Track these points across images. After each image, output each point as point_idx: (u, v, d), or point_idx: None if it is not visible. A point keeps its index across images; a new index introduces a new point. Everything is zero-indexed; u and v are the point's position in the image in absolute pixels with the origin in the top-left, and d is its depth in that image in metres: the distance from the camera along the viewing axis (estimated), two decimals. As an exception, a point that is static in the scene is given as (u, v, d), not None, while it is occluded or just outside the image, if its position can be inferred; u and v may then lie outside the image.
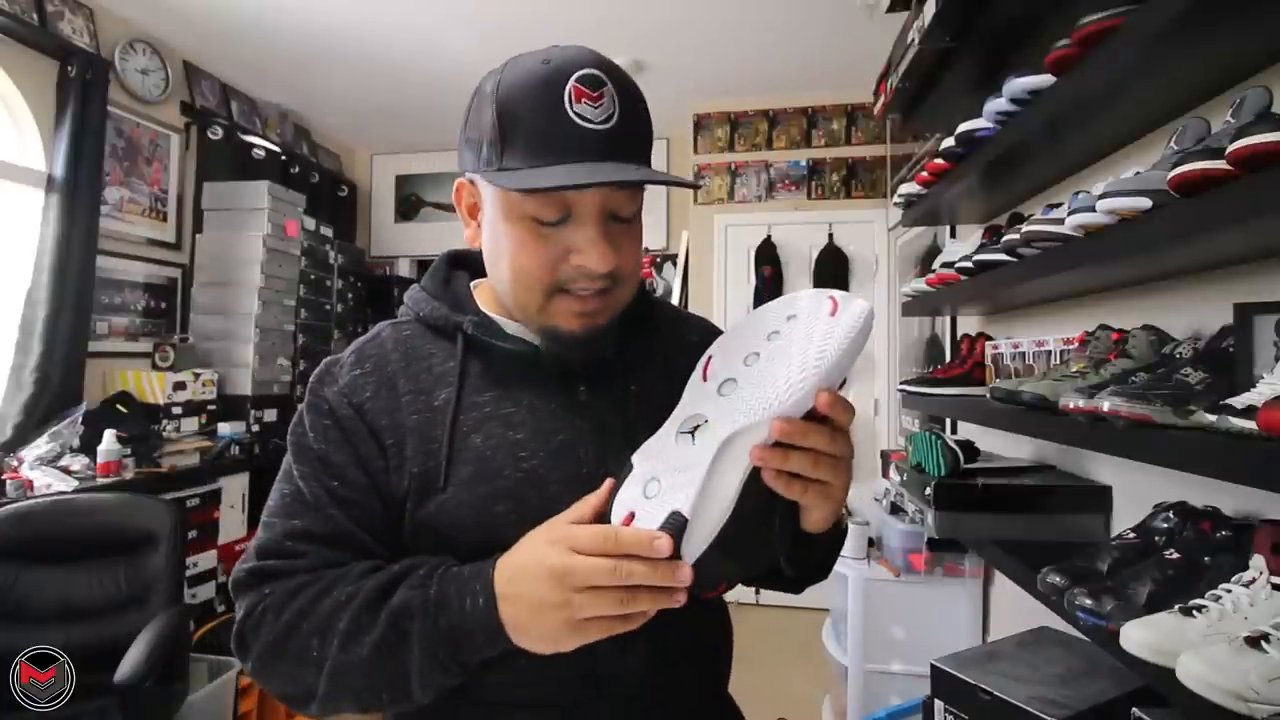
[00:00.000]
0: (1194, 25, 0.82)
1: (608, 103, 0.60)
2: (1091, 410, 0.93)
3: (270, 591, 0.62)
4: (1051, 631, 1.43)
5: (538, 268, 0.62)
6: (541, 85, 0.59)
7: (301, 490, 0.65)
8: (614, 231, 0.63)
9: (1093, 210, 0.98)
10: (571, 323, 0.64)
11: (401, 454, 0.65)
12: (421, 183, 4.62)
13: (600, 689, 0.64)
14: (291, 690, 0.62)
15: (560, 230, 0.62)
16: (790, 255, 3.83)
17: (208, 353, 3.14)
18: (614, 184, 0.60)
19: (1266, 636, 0.70)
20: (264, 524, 0.66)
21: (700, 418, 0.58)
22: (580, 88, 0.59)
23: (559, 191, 0.59)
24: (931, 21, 1.55)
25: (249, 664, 0.64)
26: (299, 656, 0.60)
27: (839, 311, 0.56)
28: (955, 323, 2.36)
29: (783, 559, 0.67)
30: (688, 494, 0.53)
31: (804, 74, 3.52)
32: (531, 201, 0.61)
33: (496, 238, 0.65)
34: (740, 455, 0.54)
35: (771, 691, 2.67)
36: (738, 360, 0.60)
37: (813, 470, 0.55)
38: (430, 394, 0.67)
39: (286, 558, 0.63)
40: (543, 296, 0.64)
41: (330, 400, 0.67)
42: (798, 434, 0.53)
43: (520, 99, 0.60)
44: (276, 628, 0.60)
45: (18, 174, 2.55)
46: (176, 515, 1.99)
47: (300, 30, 3.04)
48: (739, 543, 0.56)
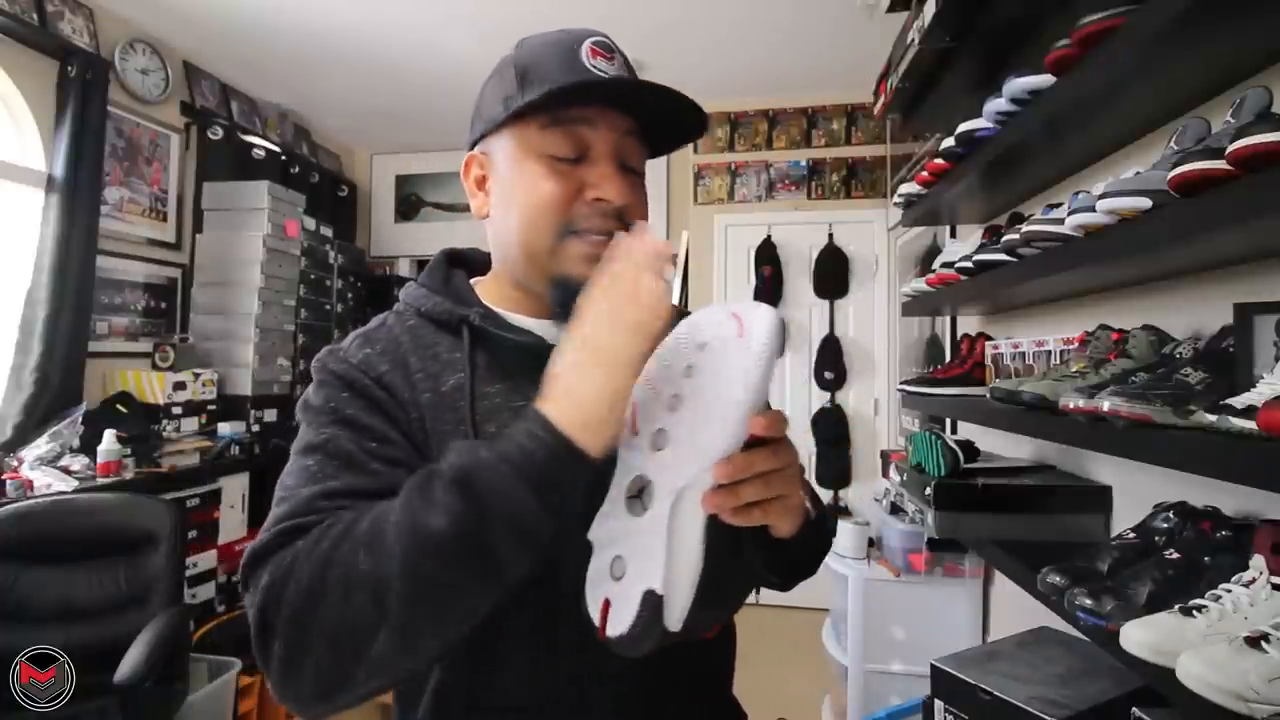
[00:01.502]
0: (1194, 25, 0.82)
1: (619, 64, 0.66)
2: (1091, 410, 0.93)
3: (301, 544, 0.53)
4: (1051, 631, 1.43)
5: (552, 202, 0.64)
6: (558, 43, 0.66)
7: (333, 453, 0.58)
8: (626, 175, 0.66)
9: (1093, 210, 0.98)
10: (582, 268, 0.63)
11: (424, 429, 0.63)
12: (421, 183, 4.62)
13: (600, 691, 0.64)
14: (342, 640, 0.49)
15: (576, 168, 0.65)
16: (790, 255, 3.83)
17: (208, 353, 3.14)
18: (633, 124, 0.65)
19: (1266, 636, 0.70)
20: (281, 500, 0.58)
21: (642, 479, 0.55)
22: (595, 48, 0.65)
23: (580, 125, 0.64)
24: (931, 21, 1.55)
25: (274, 652, 0.50)
26: (344, 583, 0.49)
27: (745, 331, 0.53)
28: (955, 323, 2.36)
29: (764, 570, 0.67)
30: (654, 568, 0.52)
31: (804, 74, 3.53)
32: (551, 138, 0.64)
33: (510, 185, 0.67)
34: (692, 508, 0.53)
35: (771, 691, 2.67)
36: (660, 407, 0.56)
37: (766, 492, 0.54)
38: (438, 378, 0.65)
39: (321, 514, 0.55)
40: (554, 237, 0.65)
41: (345, 374, 0.64)
42: (742, 469, 0.52)
43: (540, 53, 0.66)
44: (312, 565, 0.50)
45: (18, 174, 2.55)
46: (176, 515, 1.99)
47: (300, 30, 3.04)
48: (718, 587, 0.55)
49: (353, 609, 0.49)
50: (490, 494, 0.49)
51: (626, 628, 0.52)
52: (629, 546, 0.54)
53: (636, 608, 0.51)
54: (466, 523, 0.49)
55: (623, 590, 0.53)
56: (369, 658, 0.49)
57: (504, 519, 0.49)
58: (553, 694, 0.63)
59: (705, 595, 0.53)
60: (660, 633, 0.52)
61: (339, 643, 0.49)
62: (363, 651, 0.49)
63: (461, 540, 0.49)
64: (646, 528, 0.54)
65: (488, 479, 0.49)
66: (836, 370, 3.73)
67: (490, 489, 0.49)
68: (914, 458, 1.51)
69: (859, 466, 3.69)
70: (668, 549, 0.52)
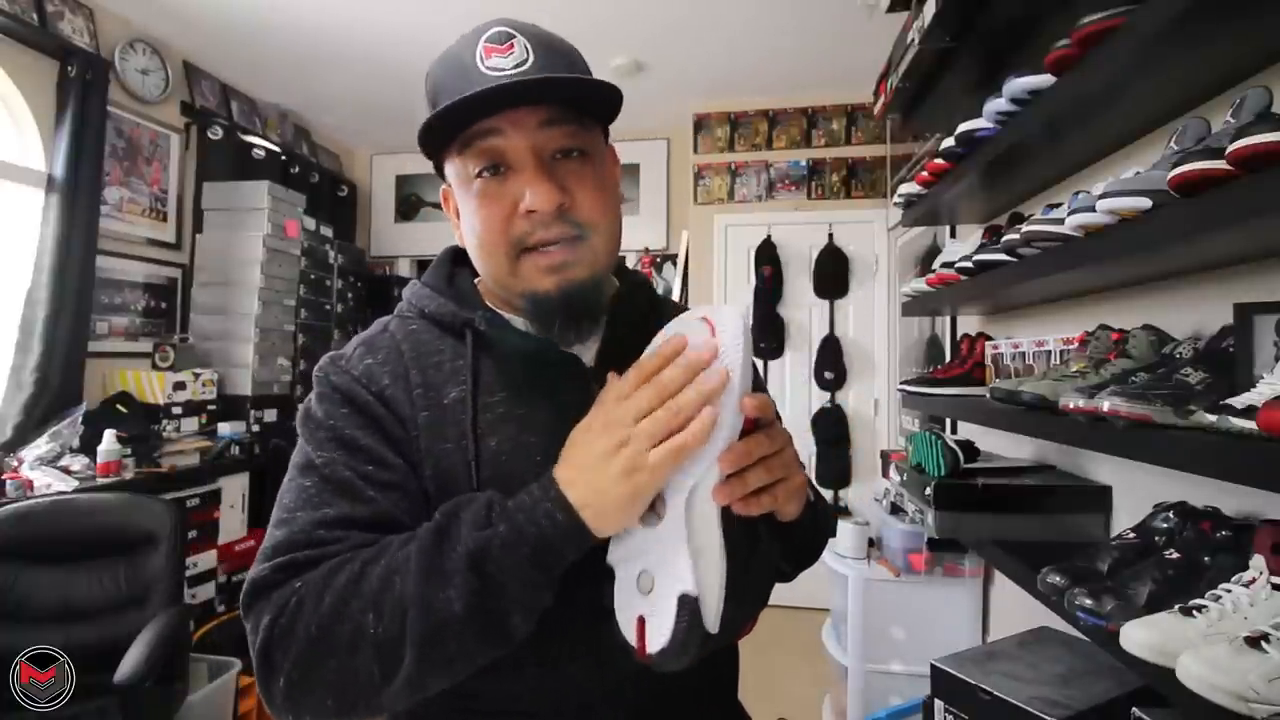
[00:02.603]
0: (1194, 25, 0.82)
1: (519, 50, 0.62)
2: (1091, 410, 0.93)
3: (302, 584, 0.54)
4: (1051, 631, 1.43)
5: (492, 228, 0.63)
6: (454, 55, 0.64)
7: (329, 478, 0.59)
8: (562, 171, 0.63)
9: (1093, 210, 0.98)
10: (543, 281, 0.63)
11: (419, 449, 0.63)
12: (421, 183, 4.62)
13: (609, 696, 0.63)
14: (346, 691, 0.52)
15: (505, 183, 0.62)
16: (790, 255, 3.83)
17: (208, 353, 3.14)
18: (551, 111, 0.61)
19: (1266, 636, 0.70)
20: (281, 522, 0.59)
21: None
22: (489, 45, 0.62)
23: (489, 137, 0.61)
24: (931, 21, 1.55)
25: (278, 686, 0.53)
26: (352, 641, 0.52)
27: (717, 330, 0.56)
28: (955, 323, 2.36)
29: (780, 559, 0.68)
30: (683, 572, 0.53)
31: (804, 74, 3.52)
32: (468, 160, 0.63)
33: (465, 216, 0.66)
34: (704, 505, 0.55)
35: (771, 691, 2.67)
36: None
37: (769, 476, 0.56)
38: (439, 390, 0.65)
39: (318, 546, 0.56)
40: (508, 259, 0.63)
41: (346, 388, 0.64)
42: (745, 456, 0.55)
43: (440, 72, 0.65)
44: (319, 615, 0.52)
45: (18, 174, 2.55)
46: (176, 515, 1.99)
47: (300, 30, 3.04)
48: (745, 582, 0.56)
49: (361, 664, 0.52)
50: (506, 576, 0.52)
51: (668, 638, 0.52)
52: (652, 559, 0.55)
53: (673, 615, 0.52)
54: (482, 603, 0.52)
55: (656, 602, 0.54)
56: (374, 702, 0.53)
57: (518, 599, 0.53)
58: (564, 702, 0.63)
59: (735, 592, 0.54)
60: (702, 637, 0.52)
61: (344, 690, 0.53)
62: (367, 699, 0.53)
63: (475, 618, 0.52)
64: (665, 535, 0.55)
65: (504, 563, 0.52)
66: (836, 370, 3.73)
67: (506, 572, 0.52)
68: (914, 458, 1.51)
69: (859, 466, 3.69)
70: (691, 549, 0.53)
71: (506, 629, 0.53)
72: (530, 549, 0.52)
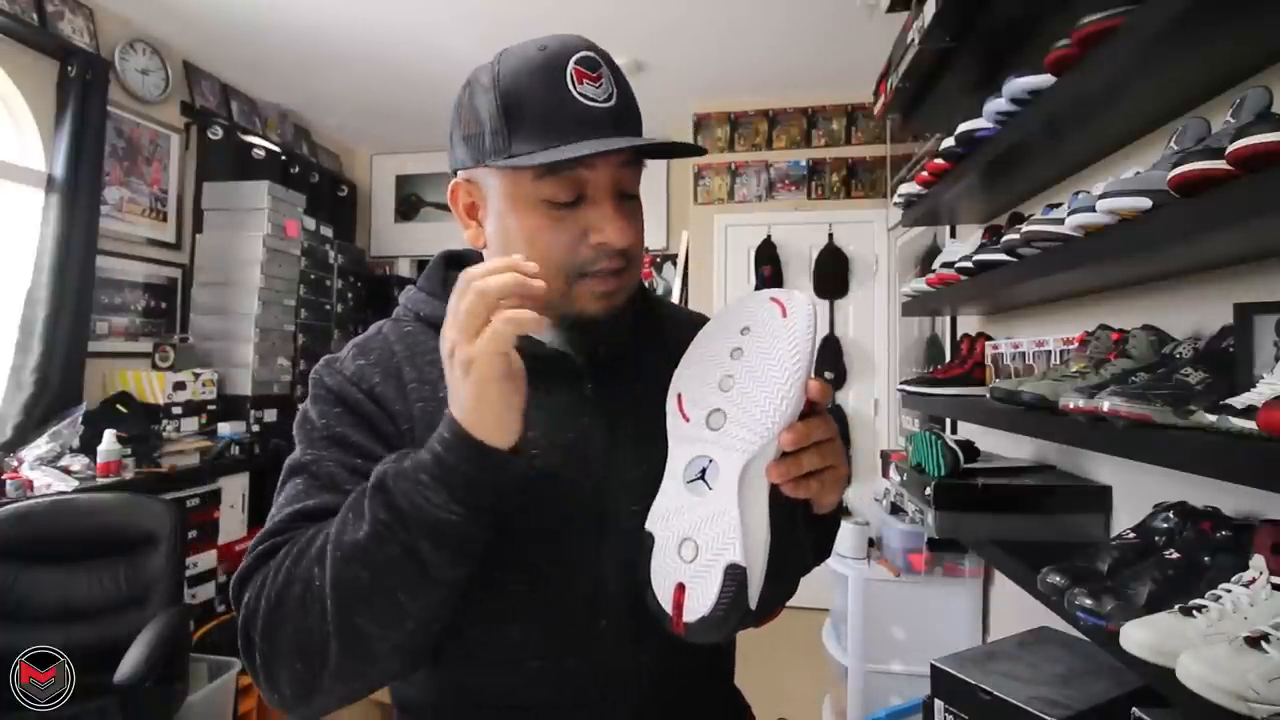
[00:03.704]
0: (1194, 25, 0.82)
1: (606, 83, 0.62)
2: (1091, 410, 0.93)
3: (273, 564, 0.57)
4: (1051, 631, 1.43)
5: (559, 253, 0.62)
6: (543, 70, 0.60)
7: (317, 474, 0.61)
8: (625, 209, 0.64)
9: (1093, 210, 0.98)
10: (595, 305, 0.64)
11: (413, 439, 0.63)
12: (421, 183, 4.62)
13: (611, 688, 0.63)
14: (305, 649, 0.53)
15: (575, 212, 0.62)
16: (790, 255, 3.83)
17: (208, 353, 3.14)
18: (630, 154, 0.62)
19: (1266, 636, 0.70)
20: (269, 519, 0.62)
21: (703, 459, 0.57)
22: (581, 69, 0.60)
23: (578, 167, 0.60)
24: (931, 21, 1.55)
25: (257, 663, 0.55)
26: (301, 600, 0.53)
27: (789, 312, 0.57)
28: (955, 323, 2.36)
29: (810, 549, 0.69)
30: (732, 542, 0.53)
31: (804, 74, 3.52)
32: (547, 185, 0.60)
33: (506, 231, 0.64)
34: (757, 480, 0.55)
35: (771, 691, 2.67)
36: (712, 389, 0.58)
37: (821, 461, 0.56)
38: (435, 384, 0.65)
39: (294, 533, 0.58)
40: (565, 283, 0.63)
41: (338, 388, 0.65)
42: (804, 436, 0.54)
43: (524, 84, 0.60)
44: (276, 585, 0.54)
45: (18, 174, 2.55)
46: (176, 515, 1.99)
47: (300, 30, 3.04)
48: (782, 561, 0.57)
49: (309, 621, 0.53)
50: (404, 498, 0.52)
51: (710, 607, 0.52)
52: (698, 527, 0.55)
53: (719, 584, 0.52)
54: (385, 529, 0.52)
55: (699, 570, 0.54)
56: (330, 666, 0.53)
57: (419, 523, 0.51)
58: (566, 693, 0.63)
59: (774, 568, 0.55)
60: (742, 610, 0.53)
61: (304, 653, 0.54)
62: (324, 659, 0.53)
63: (382, 546, 0.52)
64: (716, 507, 0.55)
65: (402, 486, 0.52)
66: (836, 370, 3.73)
67: (404, 494, 0.52)
68: (914, 458, 1.51)
69: (859, 466, 3.69)
70: (743, 521, 0.53)
71: (418, 557, 0.52)
72: (427, 472, 0.52)
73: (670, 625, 0.54)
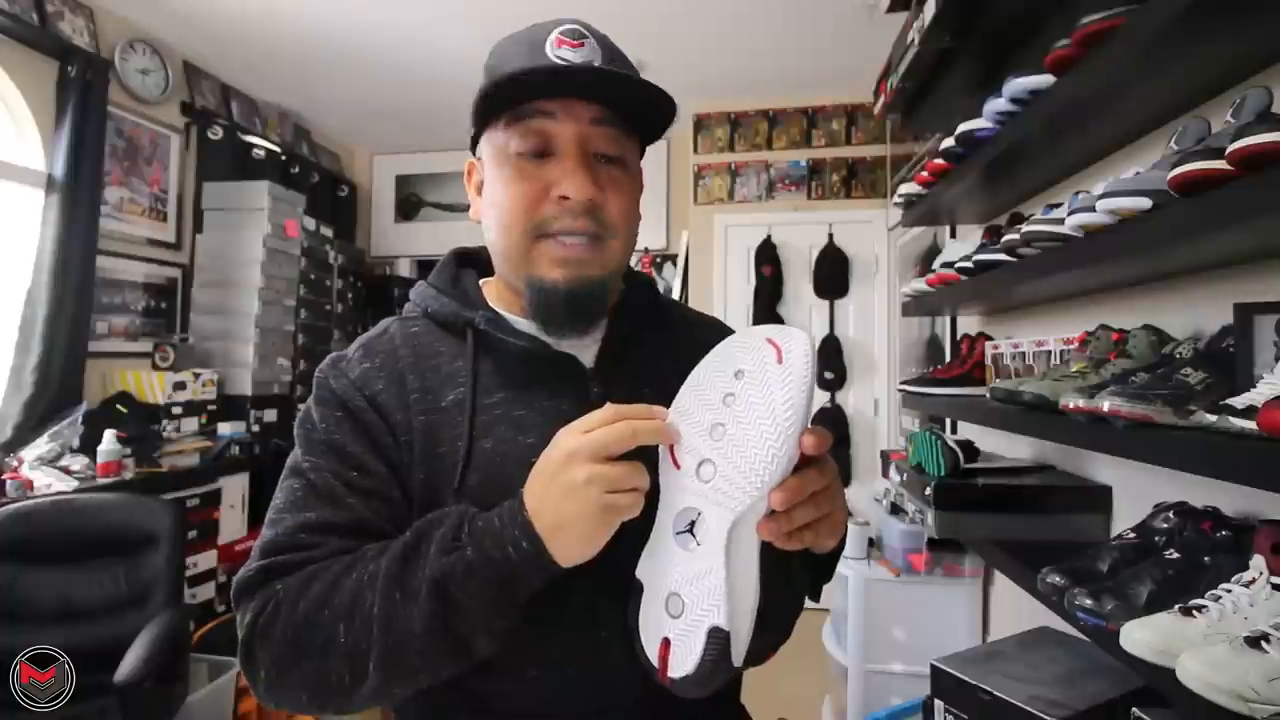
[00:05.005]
0: (1194, 25, 0.82)
1: (589, 50, 0.63)
2: (1091, 410, 0.93)
3: (282, 587, 0.58)
4: (1051, 631, 1.43)
5: (519, 204, 0.63)
6: (525, 38, 0.65)
7: (314, 483, 0.62)
8: (599, 171, 0.64)
9: (1093, 210, 0.98)
10: (554, 271, 0.64)
11: (411, 453, 0.64)
12: (421, 183, 4.62)
13: (611, 697, 0.63)
14: (319, 690, 0.56)
15: (543, 166, 0.63)
16: (790, 255, 3.83)
17: (208, 353, 3.14)
18: (599, 111, 0.63)
19: (1266, 636, 0.70)
20: (271, 522, 0.62)
21: (692, 511, 0.54)
22: (562, 37, 0.63)
23: (540, 117, 0.62)
24: (931, 21, 1.55)
25: (260, 677, 0.57)
26: (324, 648, 0.55)
27: (784, 356, 0.53)
28: (955, 323, 2.35)
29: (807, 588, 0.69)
30: (717, 603, 0.51)
31: (804, 74, 3.52)
32: (515, 138, 0.63)
33: (491, 191, 0.66)
34: (747, 536, 0.53)
35: (771, 691, 2.66)
36: (701, 437, 0.55)
37: (817, 512, 0.54)
38: (437, 393, 0.65)
39: (300, 550, 0.59)
40: (525, 239, 0.64)
41: (341, 392, 0.65)
42: (797, 493, 0.52)
43: (507, 50, 0.65)
44: (294, 621, 0.56)
45: (18, 174, 2.55)
46: (176, 515, 1.99)
47: (300, 31, 3.04)
48: (773, 613, 0.55)
49: (332, 669, 0.55)
50: (470, 600, 0.53)
51: (693, 668, 0.52)
52: (684, 583, 0.54)
53: (702, 646, 0.51)
54: (445, 625, 0.54)
55: (684, 630, 0.53)
56: (345, 702, 0.56)
57: (482, 623, 0.54)
58: (566, 702, 0.63)
59: (764, 621, 0.53)
60: (727, 669, 0.51)
61: (316, 689, 0.56)
62: (340, 699, 0.56)
63: (436, 638, 0.54)
64: (702, 561, 0.53)
65: (469, 588, 0.53)
66: (836, 370, 3.73)
67: (471, 597, 0.53)
68: (914, 458, 1.51)
69: (859, 466, 3.69)
70: (728, 582, 0.51)
71: (470, 649, 0.55)
72: (495, 576, 0.53)
73: (657, 677, 0.54)
